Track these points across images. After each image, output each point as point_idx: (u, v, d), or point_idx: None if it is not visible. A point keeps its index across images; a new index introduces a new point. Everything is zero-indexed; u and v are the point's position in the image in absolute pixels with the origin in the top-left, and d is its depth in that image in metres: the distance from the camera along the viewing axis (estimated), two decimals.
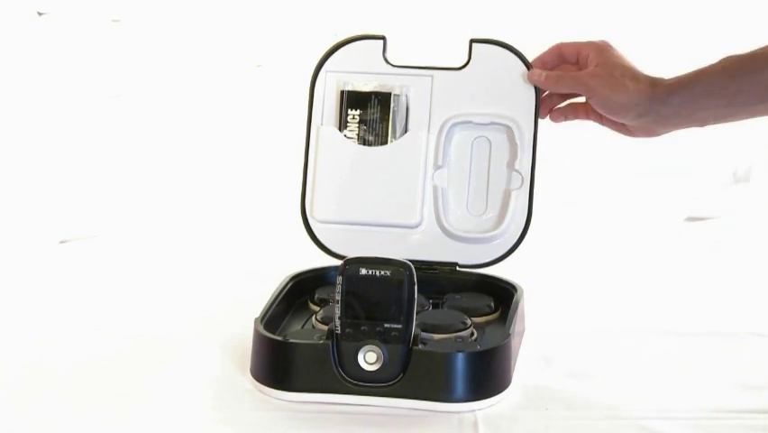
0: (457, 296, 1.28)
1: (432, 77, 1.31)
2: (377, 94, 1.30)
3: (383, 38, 1.32)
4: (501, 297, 1.28)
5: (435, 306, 1.27)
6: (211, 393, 1.15)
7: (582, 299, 1.43)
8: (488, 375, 1.12)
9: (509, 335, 1.15)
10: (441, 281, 1.29)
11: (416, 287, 1.11)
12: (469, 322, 1.20)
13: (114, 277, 1.54)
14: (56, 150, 1.88)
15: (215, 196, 1.87)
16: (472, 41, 1.30)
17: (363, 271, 1.11)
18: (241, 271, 1.53)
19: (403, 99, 1.30)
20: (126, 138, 1.96)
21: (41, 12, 1.99)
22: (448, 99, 1.30)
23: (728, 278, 1.52)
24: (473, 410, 1.10)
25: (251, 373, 1.16)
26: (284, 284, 1.29)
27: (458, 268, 1.30)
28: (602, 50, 1.21)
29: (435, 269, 1.29)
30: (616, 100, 1.18)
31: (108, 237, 1.72)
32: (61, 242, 1.70)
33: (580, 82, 1.21)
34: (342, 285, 1.11)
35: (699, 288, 1.48)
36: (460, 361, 1.10)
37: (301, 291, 1.31)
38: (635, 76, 1.18)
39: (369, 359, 1.10)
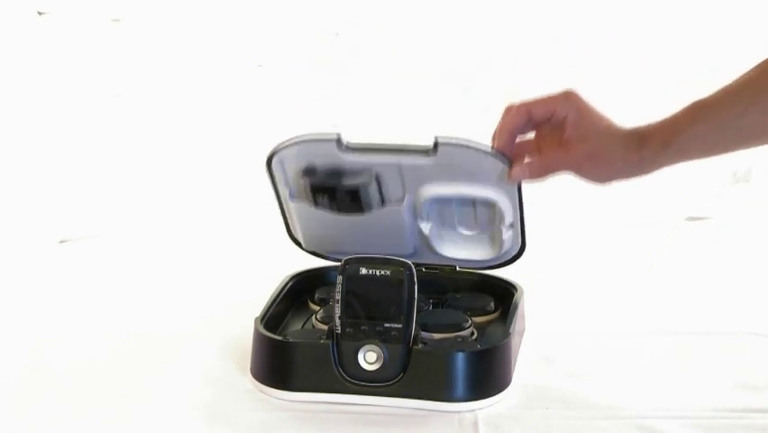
0: (457, 296, 1.28)
1: (399, 165, 1.17)
2: (343, 187, 1.18)
3: (337, 138, 1.16)
4: (501, 297, 1.28)
5: (436, 306, 1.27)
6: (211, 393, 1.15)
7: (582, 299, 1.43)
8: (488, 375, 1.12)
9: (509, 334, 1.15)
10: (441, 281, 1.29)
11: (416, 287, 1.11)
12: (469, 322, 1.20)
13: (114, 277, 1.54)
14: (56, 150, 1.88)
15: (215, 195, 1.87)
16: (437, 144, 1.14)
17: (363, 271, 1.11)
18: (241, 272, 1.53)
19: (373, 185, 1.19)
20: (126, 138, 1.97)
21: (41, 12, 1.99)
22: (421, 183, 1.19)
23: (728, 278, 1.52)
24: (473, 410, 1.10)
25: (252, 373, 1.16)
26: (284, 284, 1.29)
27: (458, 268, 1.30)
28: (580, 111, 1.10)
29: (435, 269, 1.29)
30: (607, 175, 1.11)
31: (108, 237, 1.72)
32: (61, 242, 1.70)
33: (572, 166, 1.11)
34: (342, 285, 1.11)
35: (699, 287, 1.48)
36: (460, 360, 1.10)
37: (301, 291, 1.31)
38: (620, 140, 1.09)
39: (369, 359, 1.10)
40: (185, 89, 2.05)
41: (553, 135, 1.11)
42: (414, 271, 1.11)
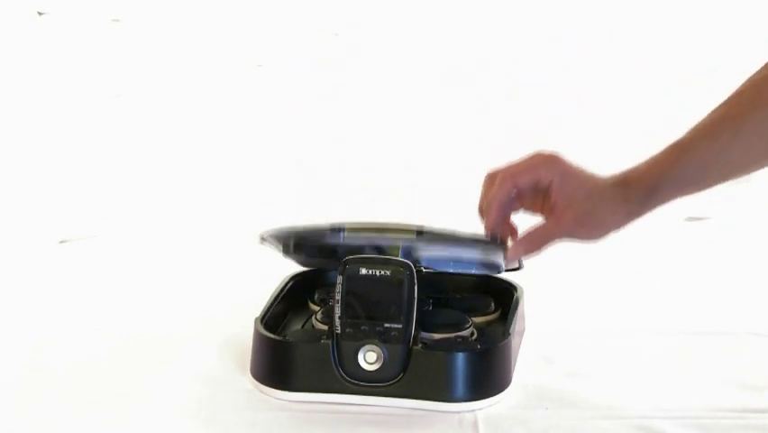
0: (457, 296, 1.28)
1: (392, 245, 1.16)
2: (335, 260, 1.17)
3: (328, 229, 1.17)
4: (501, 297, 1.28)
5: (436, 306, 1.26)
6: (211, 393, 1.15)
7: (582, 299, 1.43)
8: (488, 375, 1.12)
9: (509, 334, 1.15)
10: (441, 281, 1.29)
11: (416, 287, 1.11)
12: (469, 322, 1.20)
13: (114, 277, 1.54)
14: (56, 150, 1.88)
15: (215, 195, 1.87)
16: (423, 232, 1.14)
17: (363, 271, 1.11)
18: (241, 272, 1.52)
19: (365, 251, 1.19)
20: (126, 138, 1.97)
21: (41, 12, 2.00)
22: (413, 249, 1.17)
23: (728, 278, 1.52)
24: (473, 410, 1.10)
25: (251, 373, 1.16)
26: (284, 284, 1.29)
27: None
28: (563, 175, 1.08)
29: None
30: (600, 234, 1.11)
31: (108, 237, 1.72)
32: (61, 242, 1.70)
33: (565, 234, 1.11)
34: (342, 285, 1.11)
35: (699, 287, 1.48)
36: (460, 360, 1.10)
37: (301, 291, 1.30)
38: (607, 197, 1.09)
39: (369, 359, 1.10)
40: (185, 89, 2.06)
41: (536, 199, 1.10)
42: (414, 271, 1.11)
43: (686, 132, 1.09)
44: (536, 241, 1.11)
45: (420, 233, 1.14)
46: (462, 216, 1.60)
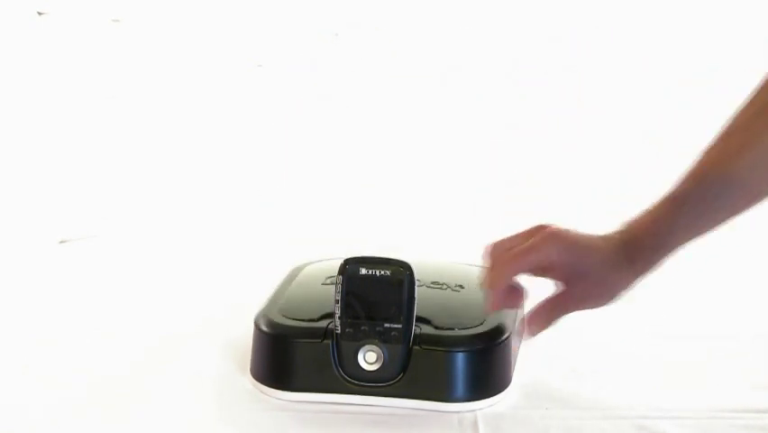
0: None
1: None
2: None
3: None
4: None
5: None
6: (211, 393, 1.15)
7: None
8: (488, 375, 1.12)
9: (509, 334, 1.15)
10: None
11: (416, 287, 1.11)
12: None
13: (115, 277, 1.54)
14: (56, 150, 1.88)
15: (215, 195, 1.87)
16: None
17: (363, 271, 1.11)
18: (241, 272, 1.52)
19: None
20: (126, 138, 1.97)
21: (41, 12, 2.00)
22: None
23: (729, 278, 1.52)
24: (473, 410, 1.10)
25: (251, 373, 1.16)
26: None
27: None
28: (565, 250, 1.08)
29: None
30: (609, 299, 1.11)
31: (108, 237, 1.72)
32: (61, 242, 1.70)
33: (576, 307, 1.11)
34: (342, 285, 1.11)
35: (700, 288, 1.48)
36: (460, 360, 1.10)
37: None
38: (611, 265, 1.09)
39: (369, 359, 1.10)
40: (185, 89, 2.06)
41: (539, 272, 1.10)
42: (414, 271, 1.11)
43: (678, 180, 1.10)
44: (547, 318, 1.11)
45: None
46: (462, 216, 1.61)
